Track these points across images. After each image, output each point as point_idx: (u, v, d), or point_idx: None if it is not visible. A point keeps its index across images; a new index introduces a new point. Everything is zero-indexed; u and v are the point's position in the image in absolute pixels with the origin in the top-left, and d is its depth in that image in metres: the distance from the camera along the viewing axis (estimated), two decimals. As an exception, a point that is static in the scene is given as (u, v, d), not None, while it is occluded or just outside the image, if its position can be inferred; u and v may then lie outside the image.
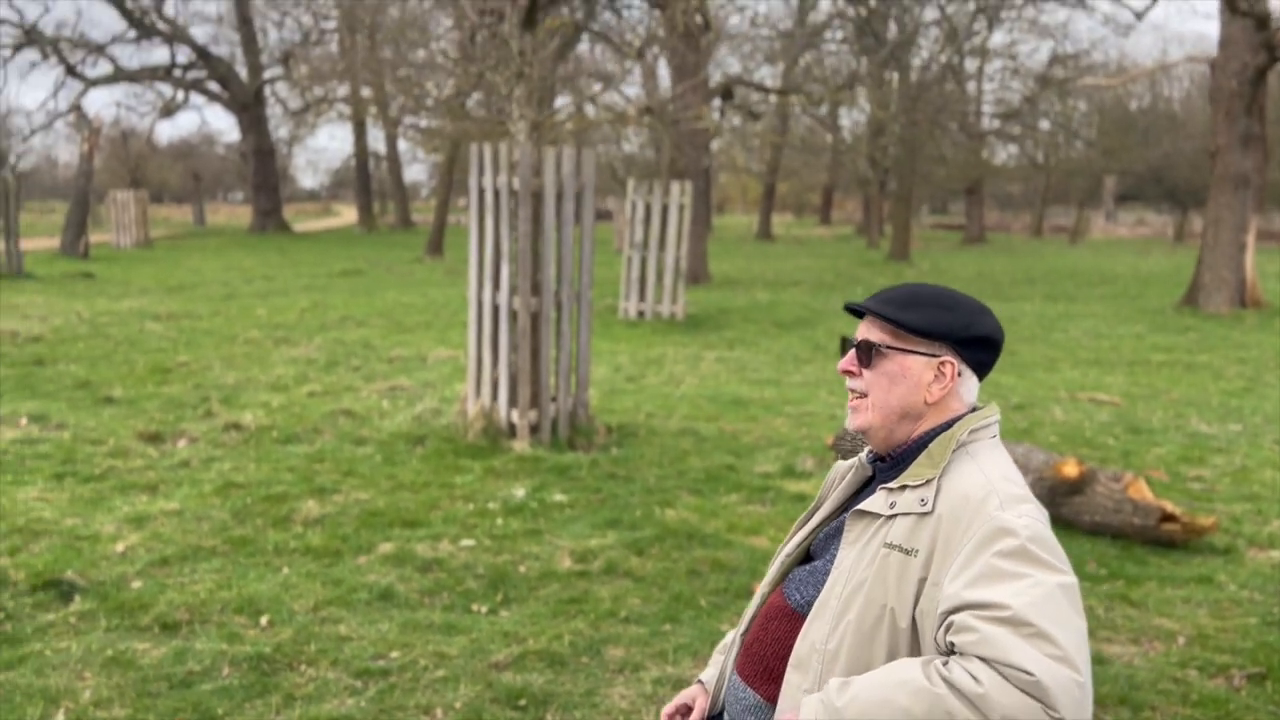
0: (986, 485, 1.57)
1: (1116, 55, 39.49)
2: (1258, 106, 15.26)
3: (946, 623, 1.47)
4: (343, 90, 33.49)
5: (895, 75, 26.97)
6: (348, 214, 48.67)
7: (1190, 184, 38.41)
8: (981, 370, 1.71)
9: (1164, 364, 10.67)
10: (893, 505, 1.63)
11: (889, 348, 1.70)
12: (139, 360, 9.29)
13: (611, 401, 7.91)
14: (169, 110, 32.95)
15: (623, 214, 19.80)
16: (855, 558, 1.65)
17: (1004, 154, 43.62)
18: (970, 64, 34.73)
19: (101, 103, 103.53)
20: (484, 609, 4.06)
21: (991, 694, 1.36)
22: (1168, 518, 4.96)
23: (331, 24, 31.64)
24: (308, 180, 75.24)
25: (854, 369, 1.75)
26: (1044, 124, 38.47)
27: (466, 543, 4.74)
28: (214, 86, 34.49)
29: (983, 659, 1.39)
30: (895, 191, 29.51)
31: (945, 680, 1.40)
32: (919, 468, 1.66)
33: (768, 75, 29.00)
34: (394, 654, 3.62)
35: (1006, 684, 1.36)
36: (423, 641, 3.72)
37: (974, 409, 1.73)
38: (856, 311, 1.76)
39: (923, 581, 1.56)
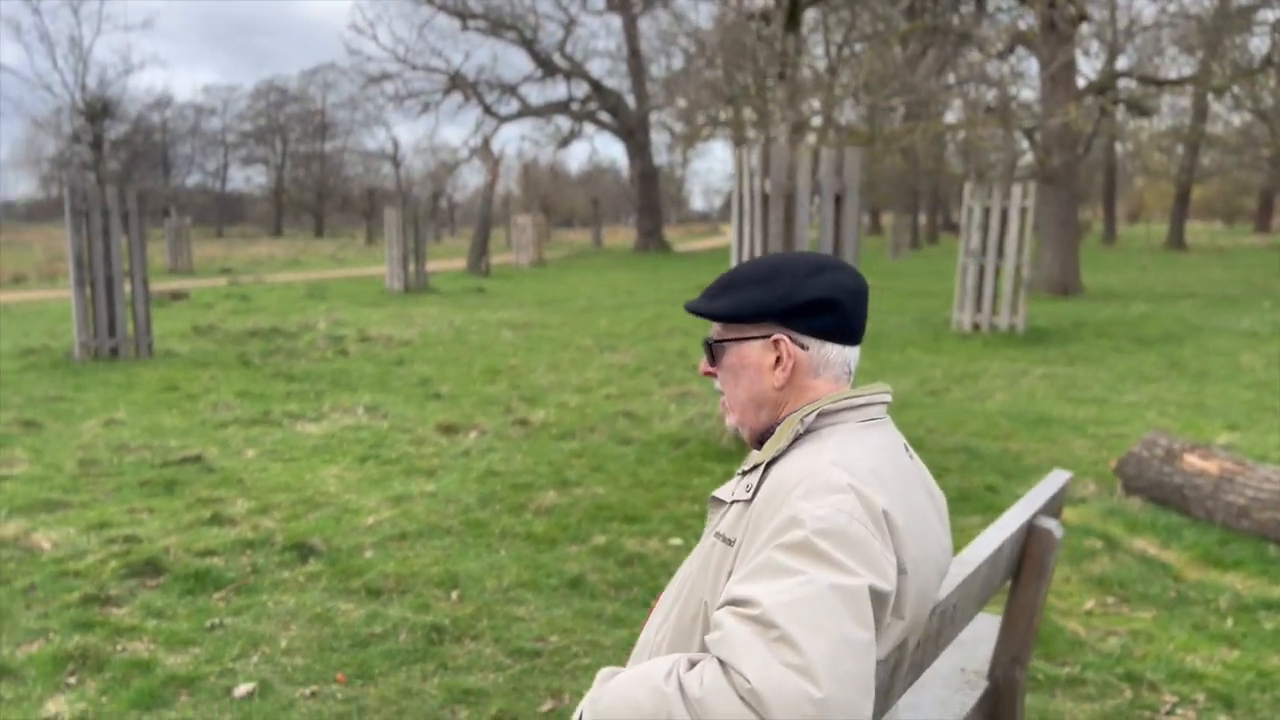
0: (806, 471, 1.37)
1: None
2: None
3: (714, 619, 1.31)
4: (725, 115, 34.88)
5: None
6: (731, 234, 50.36)
7: None
8: (831, 335, 1.50)
9: None
10: (733, 492, 1.48)
11: (721, 340, 1.56)
12: (478, 363, 10.28)
13: (897, 415, 7.54)
14: (564, 141, 36.07)
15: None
16: (699, 546, 1.53)
17: None
18: None
19: (507, 138, 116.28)
20: (663, 606, 4.06)
21: (708, 699, 1.20)
22: None
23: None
24: (699, 203, 78.87)
25: (710, 370, 1.61)
26: None
27: (675, 541, 4.77)
28: (605, 116, 37.25)
29: (720, 660, 1.22)
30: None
31: (678, 680, 1.25)
32: (760, 451, 1.49)
33: (1171, 66, 26.05)
34: (553, 638, 3.74)
35: (729, 690, 1.19)
36: (586, 629, 3.81)
37: (841, 385, 1.52)
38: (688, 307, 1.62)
39: (730, 575, 1.39)
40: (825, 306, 1.49)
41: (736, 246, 6.38)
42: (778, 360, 1.50)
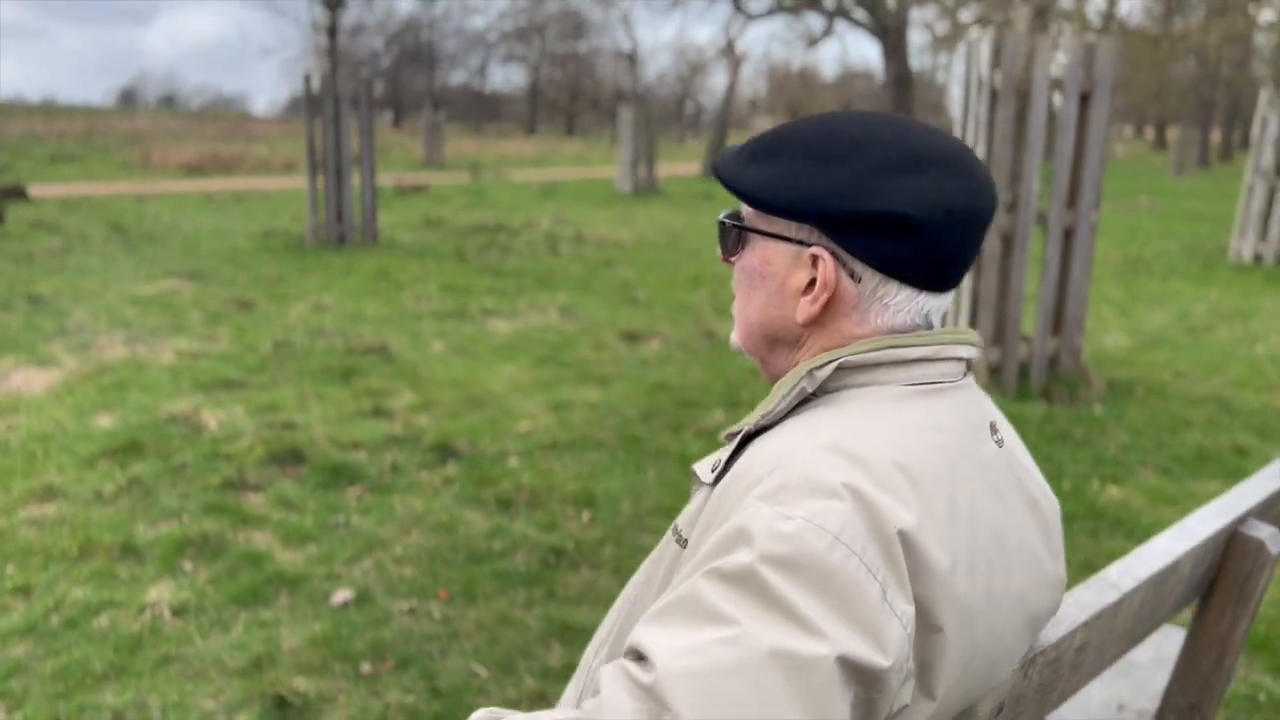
0: (784, 454, 0.89)
1: None
2: None
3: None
4: (996, 12, 32.14)
5: None
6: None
7: None
8: (899, 271, 0.96)
9: None
10: (710, 469, 1.01)
11: (742, 227, 1.05)
12: (683, 269, 9.92)
13: (1143, 355, 6.57)
14: (815, 40, 34.50)
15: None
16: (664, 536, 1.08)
17: None
18: None
19: (756, 37, 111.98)
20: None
21: None
22: None
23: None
24: (959, 112, 74.32)
25: (726, 258, 1.10)
26: None
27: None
28: (860, 15, 35.30)
29: None
30: None
31: None
32: (750, 415, 1.01)
33: None
34: (678, 577, 3.37)
35: None
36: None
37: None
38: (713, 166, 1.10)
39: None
40: (900, 226, 0.94)
41: (956, 150, 5.59)
42: (811, 283, 0.99)
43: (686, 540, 0.96)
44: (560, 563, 3.45)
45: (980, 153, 5.31)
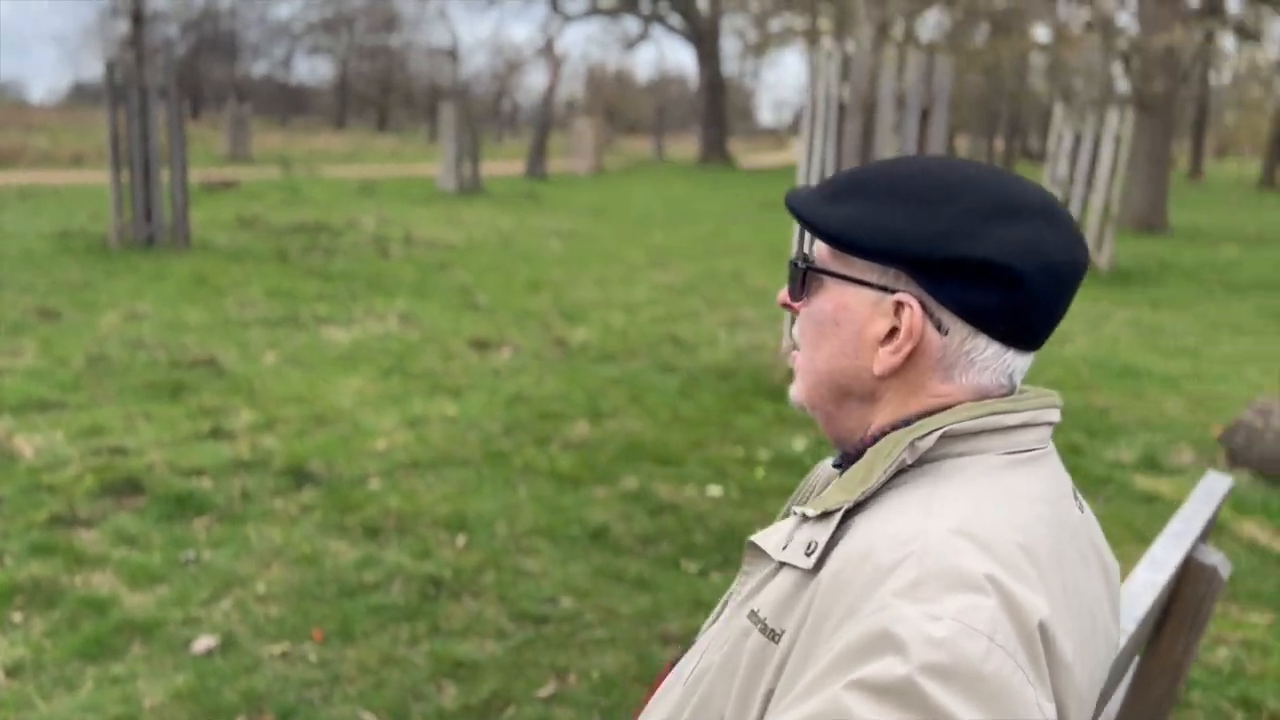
0: (911, 539, 0.82)
1: None
2: None
3: None
4: (800, 22, 33.35)
5: None
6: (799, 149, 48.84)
7: None
8: (987, 326, 0.90)
9: None
10: (787, 544, 0.93)
11: (817, 269, 0.97)
12: (521, 273, 9.76)
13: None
14: (632, 44, 34.87)
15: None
16: (727, 620, 0.98)
17: None
18: None
19: (573, 39, 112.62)
20: (694, 568, 3.58)
21: None
22: None
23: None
24: (768, 116, 76.85)
25: (792, 303, 1.03)
26: None
27: (714, 491, 4.26)
28: (675, 20, 35.93)
29: None
30: None
31: None
32: (837, 486, 0.93)
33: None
34: (565, 601, 3.27)
35: None
36: (603, 593, 3.34)
37: (988, 397, 0.94)
38: (788, 203, 1.02)
39: (769, 696, 0.86)
40: (999, 276, 0.88)
41: (805, 163, 5.72)
42: (891, 332, 0.93)
43: (780, 634, 0.87)
44: (440, 593, 3.28)
45: (830, 164, 5.44)
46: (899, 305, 0.91)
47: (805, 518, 0.92)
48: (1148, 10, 16.49)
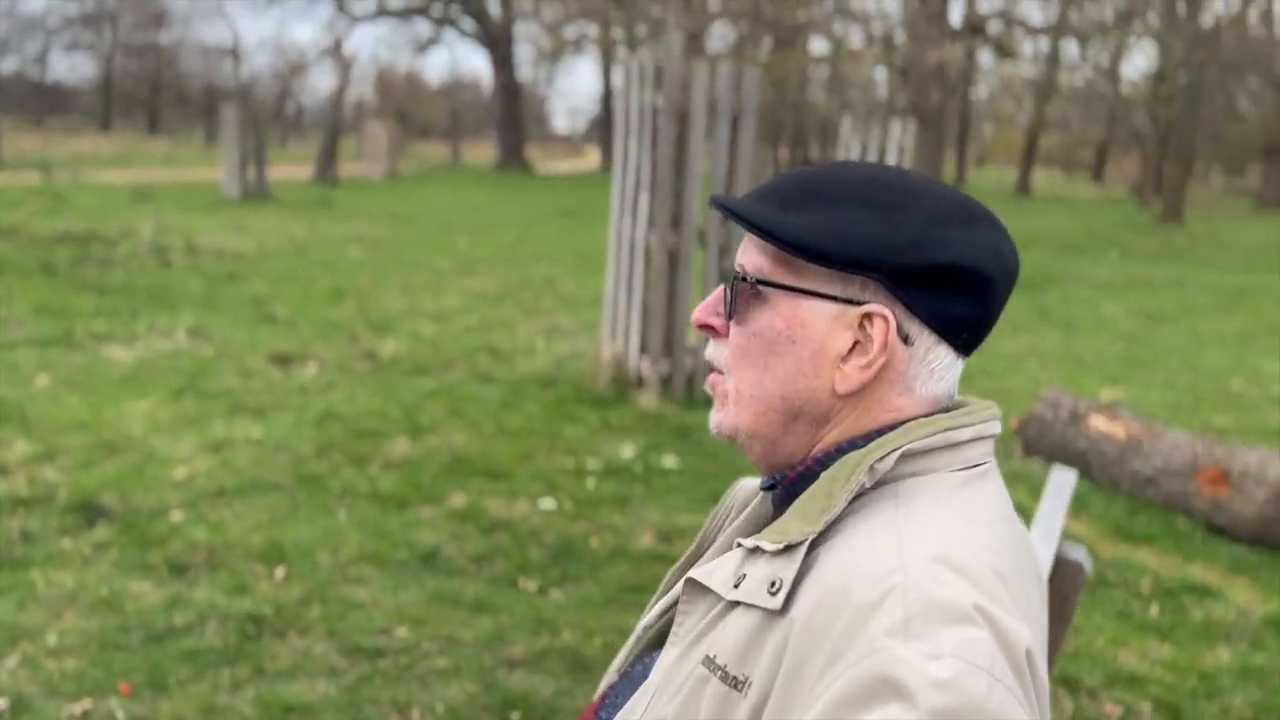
0: (890, 572, 0.77)
1: None
2: None
3: None
4: (593, 30, 33.60)
5: (1184, 13, 23.84)
6: (595, 157, 49.29)
7: None
8: (954, 333, 0.88)
9: None
10: (740, 580, 0.86)
11: (767, 284, 0.90)
12: (320, 282, 9.33)
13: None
14: (423, 47, 34.18)
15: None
16: (673, 664, 0.90)
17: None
18: (1282, 3, 30.35)
19: (361, 40, 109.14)
20: (533, 586, 3.47)
21: None
22: None
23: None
24: (562, 123, 77.22)
25: (715, 323, 0.95)
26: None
27: (546, 504, 4.16)
28: (468, 24, 35.48)
29: None
30: (1176, 149, 26.30)
31: None
32: (793, 514, 0.87)
33: (1034, 14, 26.44)
34: (401, 631, 3.09)
35: None
36: (441, 619, 3.18)
37: (937, 411, 0.91)
38: (733, 212, 0.96)
39: None
40: (971, 283, 0.85)
41: (620, 170, 5.71)
42: (854, 347, 0.87)
43: (745, 681, 0.80)
44: (262, 631, 3.04)
45: (645, 172, 5.45)
46: (866, 317, 0.86)
47: (759, 551, 0.85)
48: (919, 28, 17.58)
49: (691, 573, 0.90)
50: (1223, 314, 10.35)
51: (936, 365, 0.88)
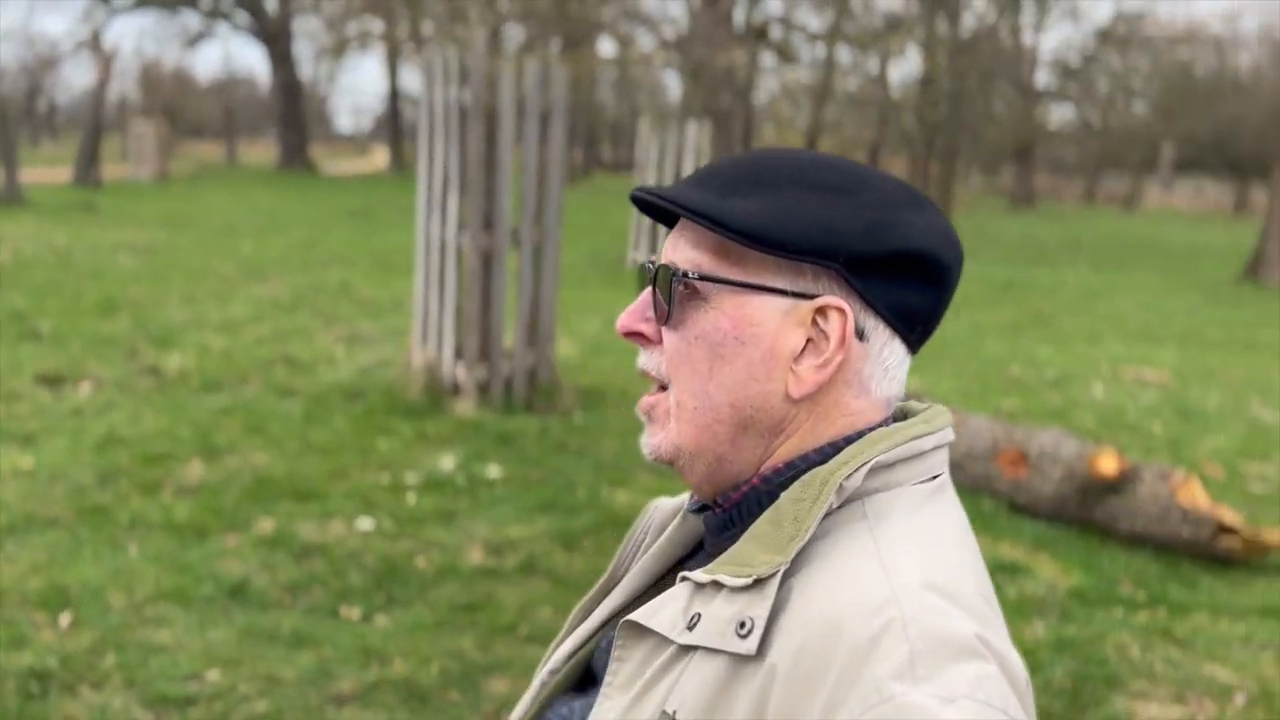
0: (883, 605, 0.68)
1: (1182, 16, 37.66)
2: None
3: None
4: (377, 26, 32.55)
5: (945, 24, 25.57)
6: (382, 157, 47.89)
7: (1255, 154, 36.74)
8: (910, 326, 0.80)
9: (1220, 341, 9.62)
10: (694, 621, 0.75)
11: (707, 278, 0.80)
12: (89, 293, 8.54)
13: (592, 360, 7.06)
14: (192, 41, 32.20)
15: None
16: (599, 709, 0.79)
17: (1058, 116, 41.97)
18: (1027, 17, 33.08)
19: (122, 32, 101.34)
20: (356, 614, 3.25)
21: None
22: (1225, 529, 4.03)
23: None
24: (346, 122, 74.76)
25: (646, 329, 0.85)
26: (1101, 83, 36.82)
27: (364, 524, 3.92)
28: (242, 18, 33.69)
29: None
30: (941, 150, 28.14)
31: None
32: (753, 542, 0.77)
33: (811, 21, 27.67)
34: (212, 674, 2.81)
35: None
36: (257, 658, 2.92)
37: (893, 415, 0.84)
38: (658, 207, 0.84)
39: None
40: (929, 271, 0.78)
41: (425, 170, 5.49)
42: (806, 344, 0.78)
43: None
44: (48, 689, 2.69)
45: (454, 171, 5.26)
46: (820, 312, 0.77)
47: (715, 585, 0.75)
48: (707, 31, 18.01)
49: (632, 616, 0.79)
50: (995, 305, 11.10)
51: (890, 363, 0.80)
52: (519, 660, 3.00)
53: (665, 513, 0.99)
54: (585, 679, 0.98)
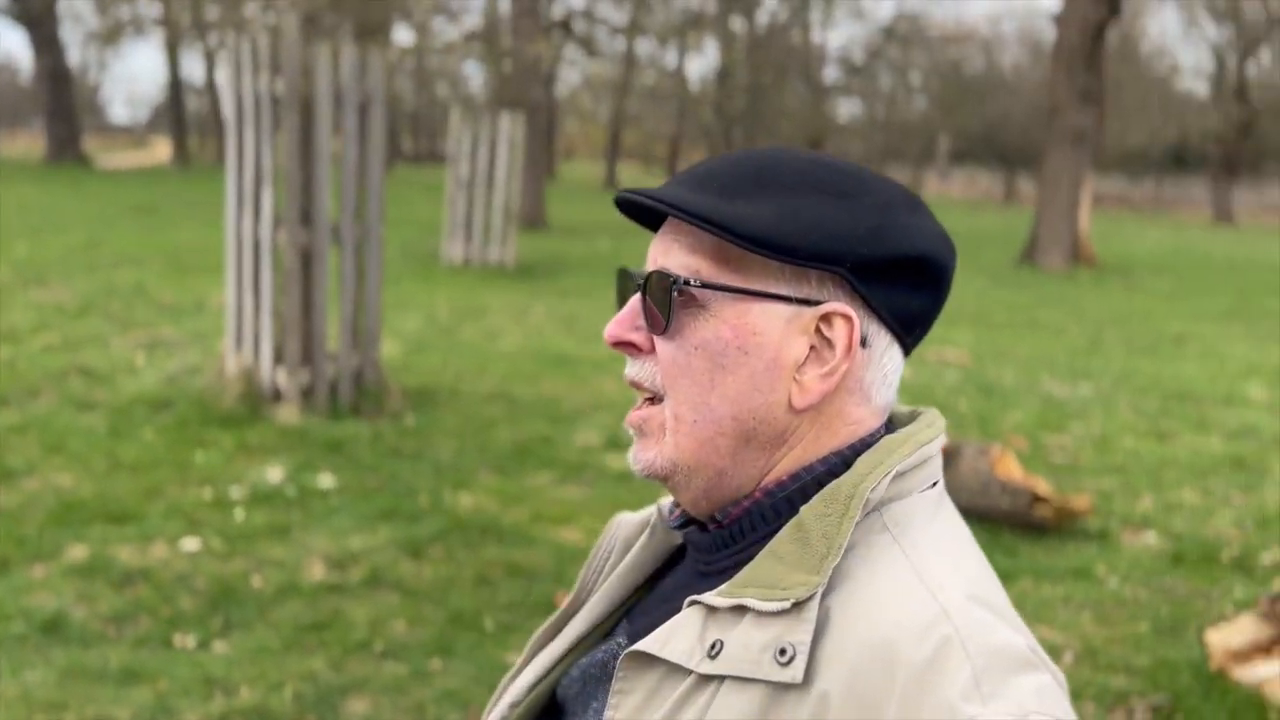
0: (934, 622, 0.67)
1: (954, 17, 40.32)
2: (1096, 63, 15.21)
3: None
4: (154, 10, 30.48)
5: (741, 21, 26.35)
6: (164, 149, 44.97)
7: (1020, 146, 39.89)
8: (909, 330, 0.79)
9: (1007, 322, 10.34)
10: (715, 649, 0.71)
11: (709, 285, 0.77)
12: None
13: (417, 359, 6.85)
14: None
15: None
16: None
17: (846, 110, 44.13)
18: (815, 14, 34.54)
19: None
20: (191, 642, 3.02)
21: None
22: (1039, 499, 4.32)
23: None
24: (121, 112, 69.90)
25: (636, 339, 0.81)
26: (884, 80, 38.97)
27: (189, 545, 3.66)
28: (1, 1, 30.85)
29: None
30: (741, 143, 29.02)
31: None
32: (776, 562, 0.74)
33: (613, 14, 27.94)
34: (34, 723, 2.55)
35: None
36: (85, 700, 2.66)
37: (892, 422, 0.83)
38: (641, 209, 0.81)
39: None
40: (930, 274, 0.78)
41: (235, 164, 5.16)
42: (809, 352, 0.76)
43: None
44: None
45: (266, 162, 4.98)
46: (825, 318, 0.75)
47: (745, 608, 0.70)
48: (515, 22, 17.85)
49: (640, 646, 0.74)
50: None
51: (889, 368, 0.79)
52: (376, 678, 2.86)
53: (630, 529, 0.94)
54: (549, 710, 0.92)
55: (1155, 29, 52.20)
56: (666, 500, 0.93)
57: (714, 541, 0.81)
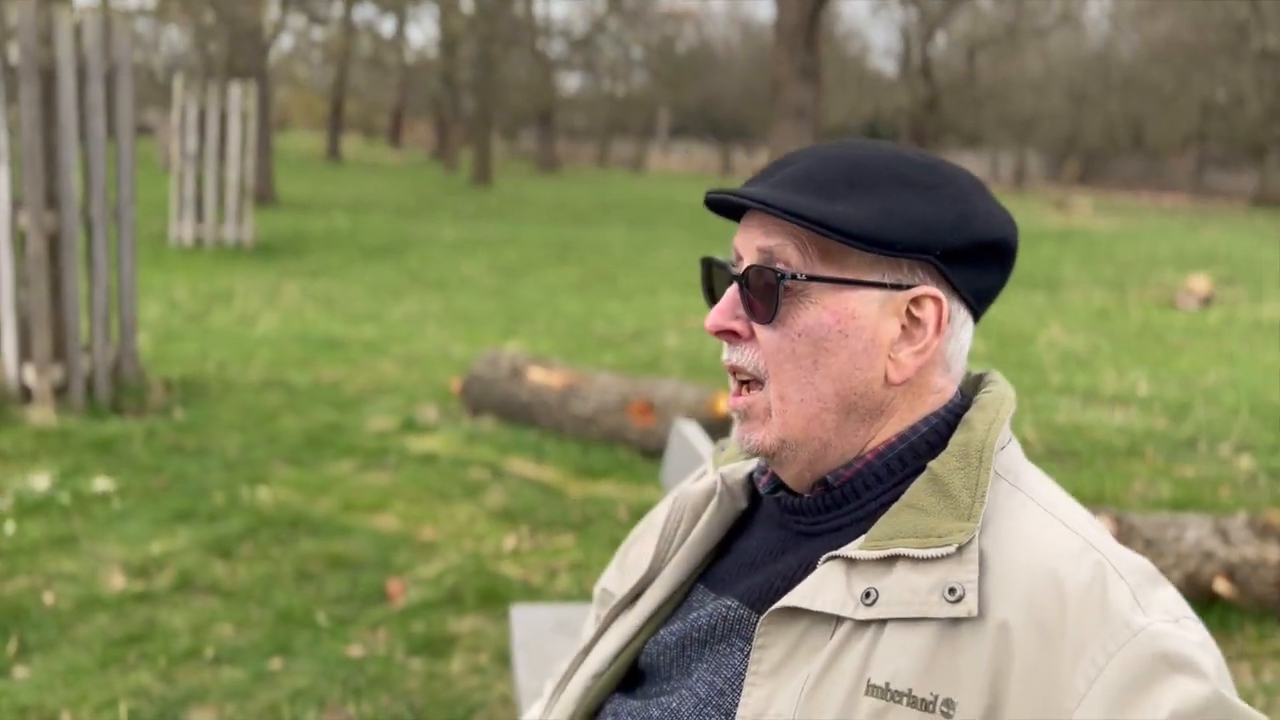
0: (1082, 550, 0.79)
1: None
2: (814, 42, 16.25)
3: None
4: None
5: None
6: None
7: (733, 121, 42.03)
8: (983, 304, 0.91)
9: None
10: (870, 596, 0.80)
11: (812, 278, 0.85)
12: None
13: (169, 349, 6.39)
14: None
15: (168, 124, 17.09)
16: (799, 702, 0.80)
17: (572, 84, 44.63)
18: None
19: None
20: (-13, 672, 2.73)
21: None
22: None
23: None
24: None
25: (737, 327, 0.88)
26: (607, 53, 39.68)
27: (-42, 567, 3.28)
28: None
29: None
30: (473, 114, 28.65)
31: None
32: (921, 515, 0.83)
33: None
34: None
35: None
36: (-125, 750, 2.36)
37: (968, 387, 0.95)
38: (730, 206, 0.88)
39: None
40: (1004, 255, 0.89)
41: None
42: (902, 331, 0.86)
43: (944, 700, 0.73)
44: None
45: (2, 142, 4.47)
46: (916, 300, 0.85)
47: (898, 556, 0.79)
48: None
49: (785, 601, 0.81)
50: (559, 266, 11.66)
51: (965, 340, 0.90)
52: (215, 686, 2.72)
53: (696, 499, 1.00)
54: (630, 678, 0.97)
55: (848, 11, 56.26)
56: (727, 468, 1.00)
57: (819, 504, 0.89)
